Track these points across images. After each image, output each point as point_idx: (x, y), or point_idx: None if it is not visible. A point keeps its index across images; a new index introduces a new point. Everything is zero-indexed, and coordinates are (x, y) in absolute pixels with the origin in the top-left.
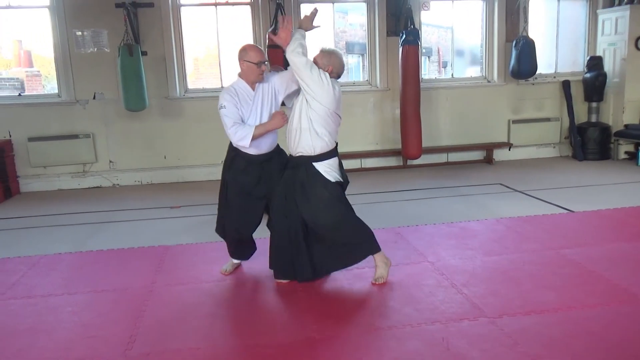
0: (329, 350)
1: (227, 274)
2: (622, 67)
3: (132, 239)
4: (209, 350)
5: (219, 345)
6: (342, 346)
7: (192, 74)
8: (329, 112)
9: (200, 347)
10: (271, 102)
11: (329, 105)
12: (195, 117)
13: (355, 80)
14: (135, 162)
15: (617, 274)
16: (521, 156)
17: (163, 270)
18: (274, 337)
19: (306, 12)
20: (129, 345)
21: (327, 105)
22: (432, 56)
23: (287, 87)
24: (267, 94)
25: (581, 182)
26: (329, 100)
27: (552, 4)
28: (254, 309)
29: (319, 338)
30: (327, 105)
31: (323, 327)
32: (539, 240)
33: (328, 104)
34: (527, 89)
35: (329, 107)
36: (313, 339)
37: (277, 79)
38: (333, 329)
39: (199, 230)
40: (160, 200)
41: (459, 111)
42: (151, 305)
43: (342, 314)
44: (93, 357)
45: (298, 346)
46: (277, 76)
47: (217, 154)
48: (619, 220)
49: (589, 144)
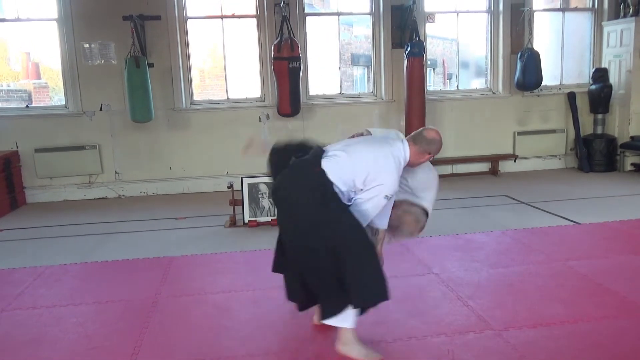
0: None
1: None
2: (627, 78)
3: (137, 250)
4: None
5: (225, 358)
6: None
7: (198, 85)
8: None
9: (206, 359)
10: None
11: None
12: (201, 128)
13: (361, 92)
14: (141, 173)
15: (625, 287)
16: (527, 168)
17: (168, 282)
18: (281, 349)
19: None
20: (133, 357)
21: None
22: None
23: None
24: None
25: (587, 194)
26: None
27: (557, 16)
28: (260, 322)
29: (325, 352)
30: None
31: (329, 340)
32: (545, 252)
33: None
34: (532, 101)
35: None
36: (319, 352)
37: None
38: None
39: (204, 242)
40: (166, 211)
41: (464, 123)
42: (156, 316)
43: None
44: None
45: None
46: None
47: (222, 165)
48: (625, 232)
49: (595, 155)
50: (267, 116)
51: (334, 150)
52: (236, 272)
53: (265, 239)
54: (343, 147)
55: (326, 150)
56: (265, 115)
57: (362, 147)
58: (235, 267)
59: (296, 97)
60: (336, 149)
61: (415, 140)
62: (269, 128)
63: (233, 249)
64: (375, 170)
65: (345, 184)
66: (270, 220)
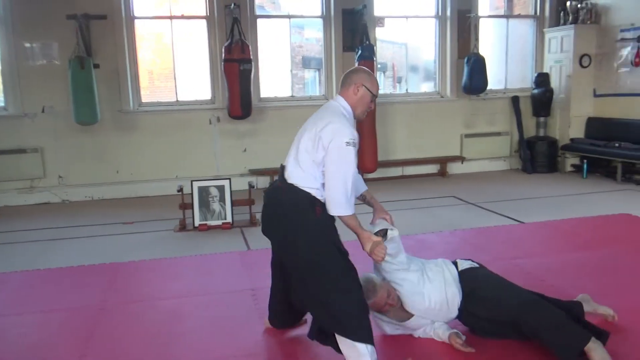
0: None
1: None
2: (567, 83)
3: (83, 257)
4: None
5: None
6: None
7: (147, 87)
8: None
9: None
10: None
11: None
12: (149, 131)
13: (312, 95)
14: (86, 177)
15: (566, 283)
16: (473, 169)
17: (115, 288)
18: (233, 354)
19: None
20: None
21: None
22: (387, 71)
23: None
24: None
25: (531, 194)
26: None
27: (501, 22)
28: (212, 327)
29: (278, 356)
30: None
31: (281, 345)
32: (492, 251)
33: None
34: (478, 104)
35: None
36: (272, 357)
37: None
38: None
39: (153, 247)
40: (113, 216)
41: (413, 125)
42: (103, 324)
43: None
44: None
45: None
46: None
47: (171, 169)
48: (566, 230)
49: (537, 157)
50: (218, 118)
51: (288, 157)
52: (187, 277)
53: (216, 243)
54: (292, 147)
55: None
56: (215, 118)
57: (303, 128)
58: (186, 271)
59: (247, 100)
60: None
61: (343, 84)
62: (220, 131)
63: (183, 254)
64: (322, 129)
65: (309, 168)
66: (221, 224)
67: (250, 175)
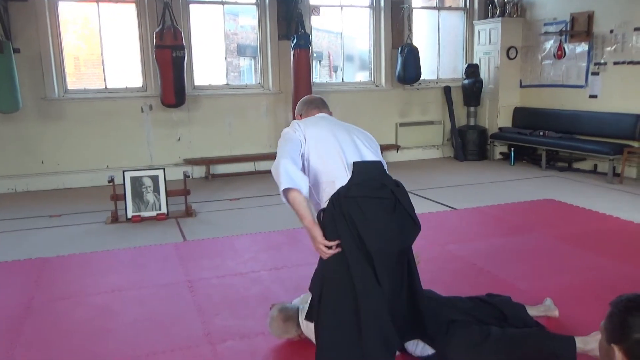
0: (229, 353)
1: None
2: (495, 74)
3: (6, 252)
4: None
5: None
6: (241, 349)
7: (73, 73)
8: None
9: None
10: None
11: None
12: (76, 119)
13: (248, 83)
14: (8, 169)
15: (495, 266)
16: (408, 158)
17: (42, 285)
18: (169, 348)
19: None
20: None
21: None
22: (322, 60)
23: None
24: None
25: (463, 181)
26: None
27: (433, 14)
28: (146, 322)
29: (214, 352)
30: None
31: (218, 340)
32: (426, 237)
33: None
34: (412, 94)
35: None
36: (210, 351)
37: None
38: (224, 335)
39: (83, 240)
40: (38, 209)
41: (349, 115)
42: (30, 323)
43: (237, 315)
44: None
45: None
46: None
47: (101, 159)
48: (496, 216)
49: (468, 145)
50: (150, 107)
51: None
52: (120, 270)
53: (151, 235)
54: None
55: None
56: (148, 106)
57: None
58: (119, 265)
59: (181, 87)
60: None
61: (325, 105)
62: (152, 119)
63: (116, 247)
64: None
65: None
66: (156, 215)
67: (185, 165)
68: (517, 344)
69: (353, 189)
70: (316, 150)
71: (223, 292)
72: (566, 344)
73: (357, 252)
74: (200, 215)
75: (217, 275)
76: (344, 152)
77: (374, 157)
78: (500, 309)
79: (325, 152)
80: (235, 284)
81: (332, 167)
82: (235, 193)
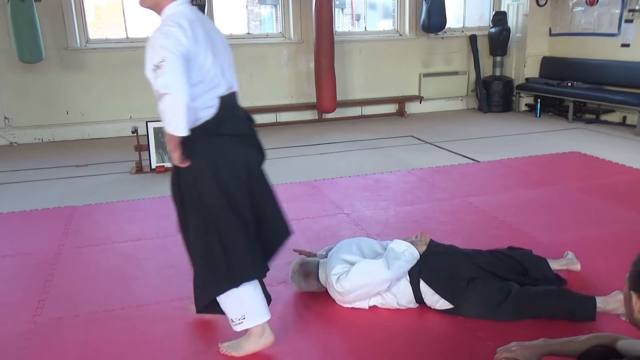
0: None
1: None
2: (524, 22)
3: (35, 201)
4: (125, 312)
5: (135, 307)
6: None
7: (94, 23)
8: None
9: (116, 308)
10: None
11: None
12: (99, 69)
13: (269, 32)
14: (35, 119)
15: (517, 219)
16: (431, 109)
17: (71, 232)
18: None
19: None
20: (38, 311)
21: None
22: (345, 9)
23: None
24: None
25: (486, 133)
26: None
27: None
28: (171, 269)
29: None
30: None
31: None
32: (448, 190)
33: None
34: (436, 43)
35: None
36: None
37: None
38: None
39: (108, 190)
40: (64, 159)
41: (372, 65)
42: (60, 268)
43: None
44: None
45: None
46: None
47: (124, 110)
48: (519, 168)
49: (493, 96)
50: None
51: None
52: (144, 219)
53: None
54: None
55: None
56: None
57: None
58: (144, 214)
59: None
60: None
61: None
62: None
63: (140, 196)
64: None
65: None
66: None
67: None
68: (536, 304)
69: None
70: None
71: None
72: (586, 304)
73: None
74: None
75: None
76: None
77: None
78: (521, 262)
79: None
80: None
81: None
82: None
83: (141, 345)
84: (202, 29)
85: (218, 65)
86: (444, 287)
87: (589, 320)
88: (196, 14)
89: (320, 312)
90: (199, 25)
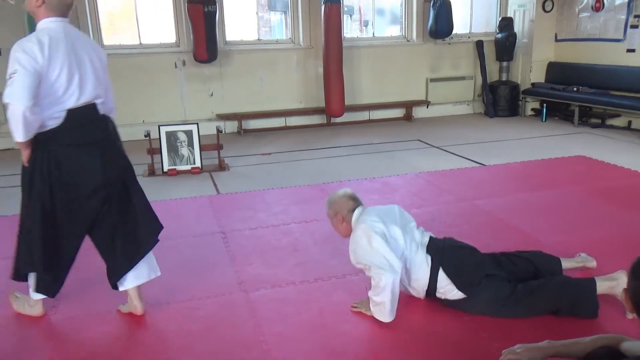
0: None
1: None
2: (530, 28)
3: None
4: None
5: (151, 306)
6: (272, 297)
7: (107, 29)
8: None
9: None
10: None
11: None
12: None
13: (279, 38)
14: None
15: (523, 222)
16: (438, 113)
17: None
18: (205, 295)
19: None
20: (53, 310)
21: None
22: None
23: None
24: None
25: (492, 137)
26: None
27: None
28: (184, 269)
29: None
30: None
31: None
32: (454, 193)
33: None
34: (444, 49)
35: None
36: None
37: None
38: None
39: None
40: None
41: (379, 70)
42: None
43: (268, 264)
44: None
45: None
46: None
47: (137, 114)
48: (524, 172)
49: (499, 101)
50: (183, 62)
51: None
52: None
53: (186, 187)
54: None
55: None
56: (181, 62)
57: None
58: None
59: (213, 43)
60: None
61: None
62: (186, 75)
63: (153, 199)
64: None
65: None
66: (190, 169)
67: (218, 120)
68: (535, 294)
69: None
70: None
71: (255, 243)
72: (585, 285)
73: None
74: (233, 169)
75: (250, 227)
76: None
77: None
78: (533, 262)
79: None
80: (266, 235)
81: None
82: (266, 148)
83: (153, 344)
84: (65, 46)
85: (75, 80)
86: (462, 278)
87: (592, 300)
88: (66, 32)
89: (322, 312)
90: (63, 42)
